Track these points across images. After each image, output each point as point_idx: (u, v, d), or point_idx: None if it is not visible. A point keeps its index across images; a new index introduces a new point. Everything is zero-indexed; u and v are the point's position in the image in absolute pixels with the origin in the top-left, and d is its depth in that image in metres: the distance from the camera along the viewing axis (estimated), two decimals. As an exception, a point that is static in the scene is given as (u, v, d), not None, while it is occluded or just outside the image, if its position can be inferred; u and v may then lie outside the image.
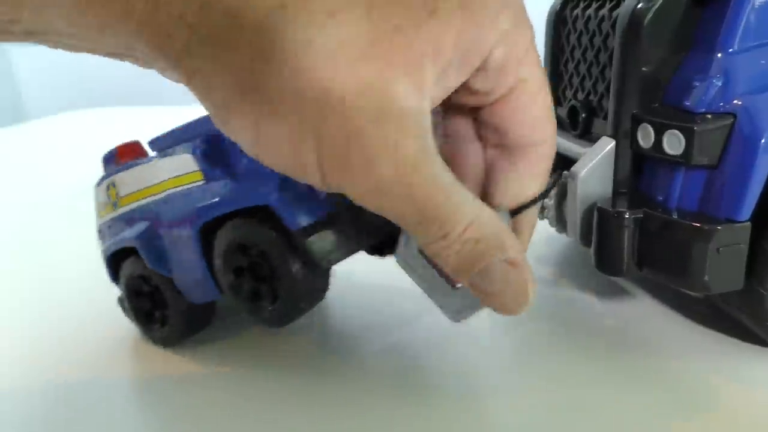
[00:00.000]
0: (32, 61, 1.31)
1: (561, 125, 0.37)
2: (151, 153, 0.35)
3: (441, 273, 0.22)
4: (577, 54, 0.35)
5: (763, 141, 0.27)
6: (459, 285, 0.22)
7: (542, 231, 0.44)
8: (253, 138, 0.19)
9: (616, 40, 0.31)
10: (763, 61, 0.28)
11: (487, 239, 0.20)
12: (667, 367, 0.31)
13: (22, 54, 1.30)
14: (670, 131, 0.29)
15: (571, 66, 0.36)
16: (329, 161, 0.18)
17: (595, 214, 0.31)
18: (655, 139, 0.29)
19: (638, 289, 0.38)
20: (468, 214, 0.19)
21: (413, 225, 0.19)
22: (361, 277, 0.40)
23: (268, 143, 0.19)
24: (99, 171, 0.36)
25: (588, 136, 0.35)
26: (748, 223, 0.28)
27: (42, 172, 0.75)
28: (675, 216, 0.29)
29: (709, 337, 0.33)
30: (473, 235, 0.20)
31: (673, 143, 0.28)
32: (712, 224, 0.28)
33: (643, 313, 0.36)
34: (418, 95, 0.18)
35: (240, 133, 0.19)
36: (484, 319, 0.36)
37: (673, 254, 0.29)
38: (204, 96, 0.19)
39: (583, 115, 0.34)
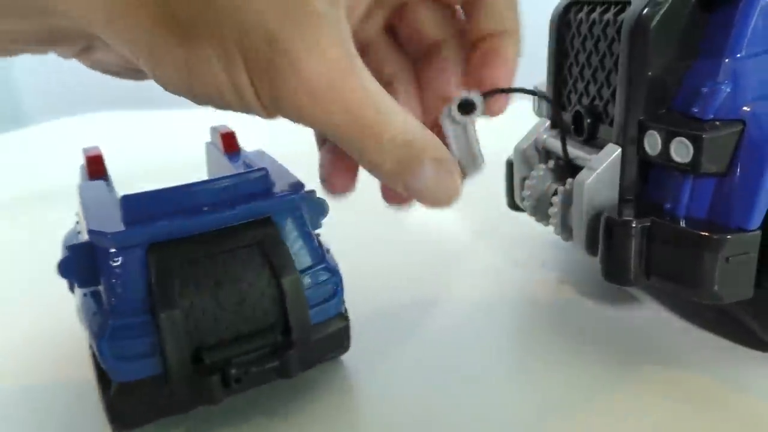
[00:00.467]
0: (32, 66, 1.31)
1: (566, 130, 0.36)
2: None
3: None
4: (582, 58, 0.34)
5: (773, 148, 0.27)
6: None
7: (545, 234, 0.43)
8: (185, 72, 0.19)
9: (622, 45, 0.30)
10: (772, 67, 0.28)
11: (417, 142, 0.21)
12: (674, 375, 0.31)
13: (22, 58, 1.29)
14: (677, 138, 0.28)
15: (575, 71, 0.35)
16: (259, 75, 0.19)
17: (602, 223, 0.30)
18: (662, 146, 0.29)
19: (645, 294, 0.37)
20: (398, 119, 0.21)
21: (350, 136, 0.20)
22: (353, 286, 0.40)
23: (200, 74, 0.19)
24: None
25: (593, 141, 0.34)
26: (759, 231, 0.27)
27: (42, 175, 0.74)
28: (683, 224, 0.29)
29: (716, 344, 0.32)
30: (404, 138, 0.21)
31: (681, 151, 0.28)
32: (721, 233, 0.27)
33: (650, 319, 0.35)
34: (332, 3, 0.19)
35: (172, 72, 0.19)
36: (486, 325, 0.36)
37: (681, 264, 0.29)
38: (132, 42, 0.19)
39: (588, 120, 0.34)
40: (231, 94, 0.19)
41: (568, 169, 0.35)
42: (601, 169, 0.31)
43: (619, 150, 0.31)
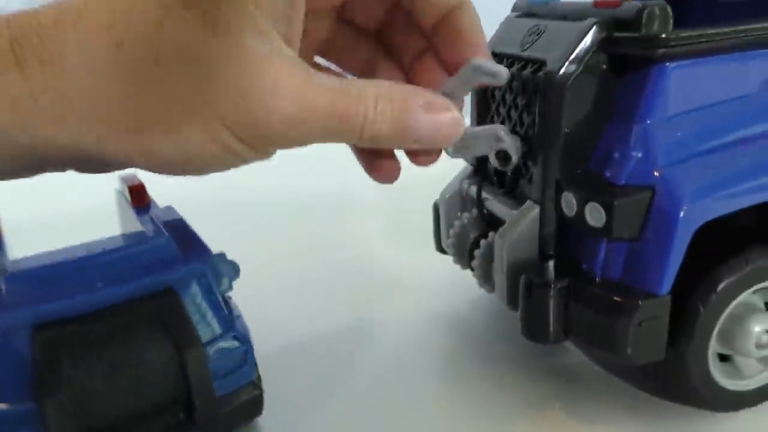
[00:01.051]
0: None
1: (489, 181, 0.36)
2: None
3: None
4: (503, 111, 0.34)
5: (681, 214, 0.27)
6: None
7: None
8: (181, 152, 0.20)
9: (539, 104, 0.30)
10: (679, 133, 0.28)
11: (398, 96, 0.22)
12: (590, 424, 0.31)
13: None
14: (591, 203, 0.28)
15: (497, 121, 0.35)
16: (236, 121, 0.20)
17: (522, 283, 0.30)
18: (577, 209, 0.29)
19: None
20: (370, 91, 0.22)
21: (341, 132, 0.22)
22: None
23: (184, 151, 0.20)
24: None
25: (515, 193, 0.34)
26: (668, 296, 0.28)
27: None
28: (599, 285, 0.29)
29: (634, 394, 0.33)
30: (385, 100, 0.22)
31: (595, 215, 0.28)
32: (633, 298, 0.28)
33: (572, 364, 0.36)
34: (260, 35, 0.20)
35: (167, 157, 0.20)
36: (407, 377, 0.36)
37: (596, 326, 0.29)
38: (125, 151, 0.20)
39: (509, 174, 0.34)
40: (225, 154, 0.21)
41: (490, 219, 0.35)
42: (523, 226, 0.31)
43: (539, 208, 0.31)
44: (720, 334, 0.30)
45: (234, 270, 0.29)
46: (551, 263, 0.31)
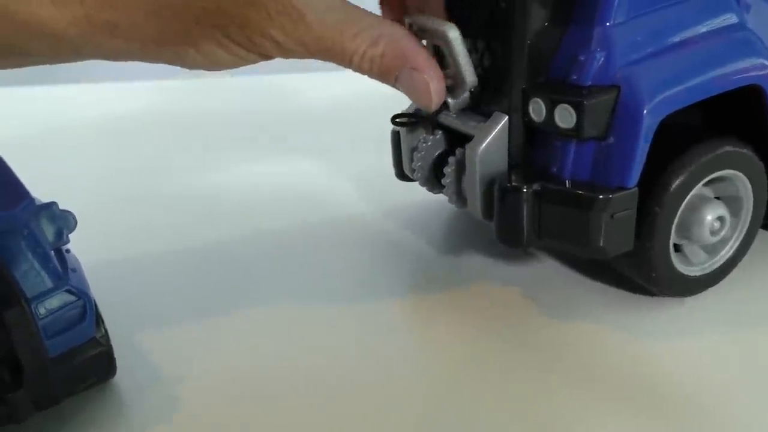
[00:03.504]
0: None
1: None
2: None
3: None
4: (463, 26, 0.35)
5: (645, 111, 0.29)
6: None
7: (437, 202, 0.44)
8: (203, 61, 0.26)
9: (501, 13, 0.31)
10: (636, 34, 0.30)
11: (390, 54, 0.26)
12: (564, 324, 0.33)
13: None
14: (561, 105, 0.29)
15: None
16: (240, 42, 0.25)
17: (496, 190, 0.31)
18: (546, 113, 0.30)
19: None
20: (365, 39, 0.26)
21: (329, 60, 0.26)
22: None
23: (208, 59, 0.25)
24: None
25: (478, 109, 0.35)
26: (636, 189, 0.30)
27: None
28: (569, 187, 0.30)
29: (604, 292, 0.35)
30: (377, 53, 0.26)
31: (565, 117, 0.29)
32: (605, 193, 0.29)
33: (541, 270, 0.37)
34: None
35: (188, 62, 0.26)
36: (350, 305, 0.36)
37: (570, 223, 0.30)
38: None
39: (471, 90, 0.34)
40: (240, 60, 0.26)
41: (456, 137, 0.36)
42: (492, 136, 0.32)
43: (506, 117, 0.32)
44: (677, 226, 0.32)
45: (68, 221, 0.28)
46: (522, 170, 0.32)
